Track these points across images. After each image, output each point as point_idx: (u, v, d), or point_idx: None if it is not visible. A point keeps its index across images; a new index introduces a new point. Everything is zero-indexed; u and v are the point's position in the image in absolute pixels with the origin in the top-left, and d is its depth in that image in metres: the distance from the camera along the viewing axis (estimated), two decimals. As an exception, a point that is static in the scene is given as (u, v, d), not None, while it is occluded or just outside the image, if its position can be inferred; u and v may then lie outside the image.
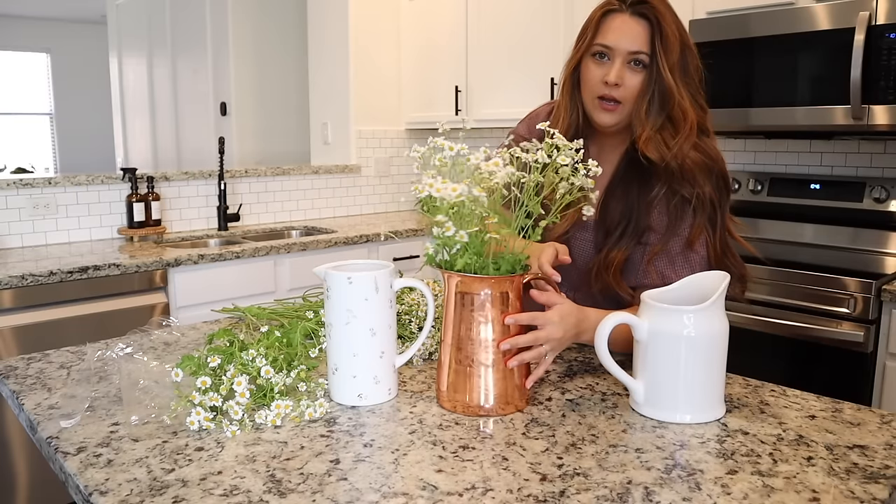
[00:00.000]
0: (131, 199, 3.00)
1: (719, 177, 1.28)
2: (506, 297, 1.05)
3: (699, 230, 1.26)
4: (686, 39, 1.27)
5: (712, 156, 1.27)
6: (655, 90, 1.24)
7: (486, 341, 1.05)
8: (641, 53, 1.25)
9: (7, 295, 2.29)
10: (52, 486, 2.35)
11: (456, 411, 1.06)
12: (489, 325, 1.04)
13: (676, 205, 1.27)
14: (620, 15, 1.26)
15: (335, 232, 3.26)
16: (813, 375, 2.22)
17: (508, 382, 1.06)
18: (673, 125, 1.25)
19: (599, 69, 1.28)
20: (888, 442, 0.97)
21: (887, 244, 2.54)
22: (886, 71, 2.18)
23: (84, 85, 8.60)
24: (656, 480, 0.87)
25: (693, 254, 1.27)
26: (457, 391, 1.06)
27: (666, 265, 1.27)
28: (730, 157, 3.01)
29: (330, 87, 3.99)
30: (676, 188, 1.26)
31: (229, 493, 0.84)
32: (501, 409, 1.06)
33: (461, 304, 1.05)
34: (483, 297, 1.04)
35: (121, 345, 1.21)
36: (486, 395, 1.05)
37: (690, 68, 1.27)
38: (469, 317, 1.05)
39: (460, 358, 1.06)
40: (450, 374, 1.07)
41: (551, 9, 3.20)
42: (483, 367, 1.05)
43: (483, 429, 1.01)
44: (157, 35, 5.29)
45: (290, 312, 1.48)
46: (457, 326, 1.06)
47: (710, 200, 1.26)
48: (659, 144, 1.25)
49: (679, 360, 1.03)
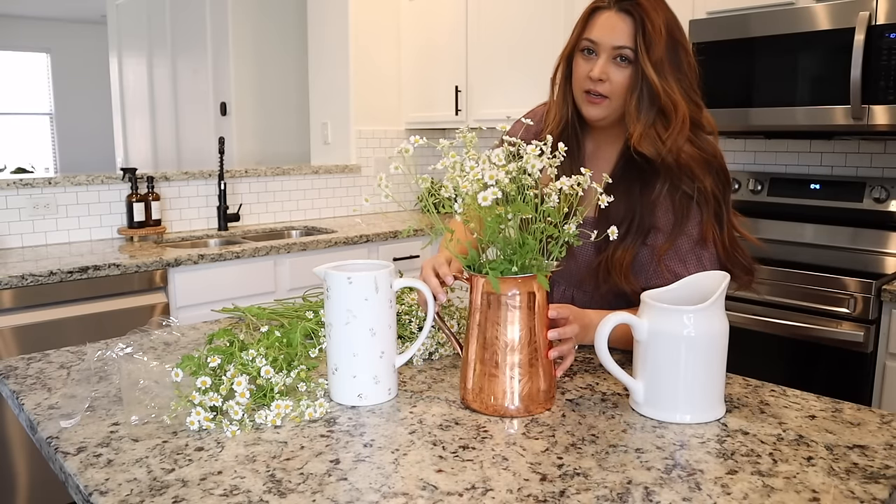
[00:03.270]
0: (131, 199, 3.00)
1: (719, 171, 1.28)
2: (532, 297, 1.05)
3: (708, 227, 1.26)
4: (677, 36, 1.27)
5: (710, 150, 1.28)
6: (643, 86, 1.25)
7: (513, 342, 1.05)
8: (625, 49, 1.26)
9: (7, 295, 2.29)
10: (52, 486, 2.35)
11: (486, 412, 1.06)
12: (516, 326, 1.05)
13: (681, 202, 1.27)
14: (607, 11, 1.28)
15: (335, 232, 3.26)
16: (813, 375, 2.22)
17: (534, 383, 1.06)
18: (665, 117, 1.26)
19: (586, 64, 1.30)
20: (888, 442, 0.97)
21: (887, 244, 2.54)
22: (886, 71, 2.18)
23: (84, 85, 8.60)
24: (656, 480, 0.87)
25: (703, 251, 1.28)
26: (482, 391, 1.07)
27: (677, 263, 1.28)
28: (730, 157, 3.01)
29: (330, 87, 3.99)
30: (677, 183, 1.27)
31: (229, 493, 0.84)
32: (527, 409, 1.06)
33: (489, 306, 1.06)
34: (510, 297, 1.04)
35: (121, 345, 1.21)
36: (512, 396, 1.06)
37: (684, 66, 1.27)
38: (497, 317, 1.05)
39: (485, 359, 1.06)
40: (475, 375, 1.08)
41: (551, 9, 3.19)
42: (510, 369, 1.05)
43: (485, 428, 1.01)
44: (157, 35, 5.29)
45: (290, 312, 1.48)
46: (482, 327, 1.06)
47: (713, 195, 1.26)
48: (654, 140, 1.25)
49: (679, 360, 1.03)
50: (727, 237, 1.29)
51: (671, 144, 1.24)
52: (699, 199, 1.26)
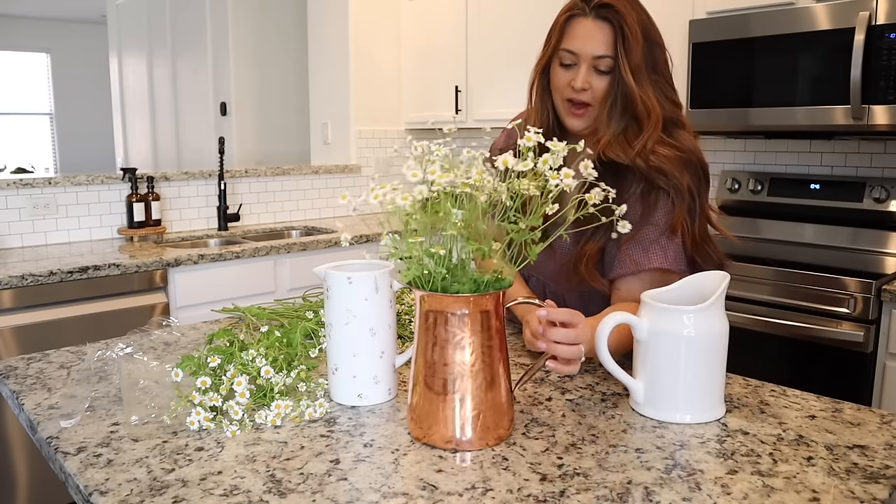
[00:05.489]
0: (131, 199, 3.00)
1: (697, 166, 1.27)
2: (485, 316, 0.94)
3: (679, 219, 1.25)
4: (652, 35, 1.26)
5: (687, 147, 1.26)
6: (618, 93, 1.25)
7: (462, 365, 0.94)
8: (606, 57, 1.25)
9: (7, 295, 2.29)
10: (52, 486, 2.35)
11: (435, 445, 0.95)
12: (466, 350, 0.94)
13: (652, 195, 1.26)
14: (584, 19, 1.26)
15: (335, 232, 3.26)
16: (813, 375, 2.22)
17: (488, 409, 0.95)
18: (638, 124, 1.25)
19: (567, 74, 1.29)
20: (888, 442, 0.97)
21: (887, 244, 2.54)
22: (886, 71, 2.18)
23: (84, 85, 8.60)
24: (656, 480, 0.87)
25: (669, 242, 1.26)
26: (426, 419, 0.96)
27: (640, 252, 1.26)
28: (730, 157, 3.02)
29: (330, 86, 3.99)
30: (653, 181, 1.25)
31: (229, 493, 0.84)
32: (481, 439, 0.95)
33: (434, 325, 0.95)
34: (458, 317, 0.93)
35: (121, 345, 1.21)
36: (462, 427, 0.94)
37: (659, 64, 1.27)
38: (441, 339, 0.94)
39: (430, 383, 0.96)
40: (421, 401, 0.97)
41: (551, 9, 3.18)
42: (459, 395, 0.94)
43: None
44: (157, 35, 5.29)
45: (290, 312, 1.48)
46: (427, 350, 0.96)
47: (688, 190, 1.25)
48: (623, 145, 1.24)
49: (679, 360, 1.03)
50: (699, 230, 1.27)
51: (640, 149, 1.23)
52: (674, 194, 1.25)
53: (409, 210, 0.93)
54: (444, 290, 0.94)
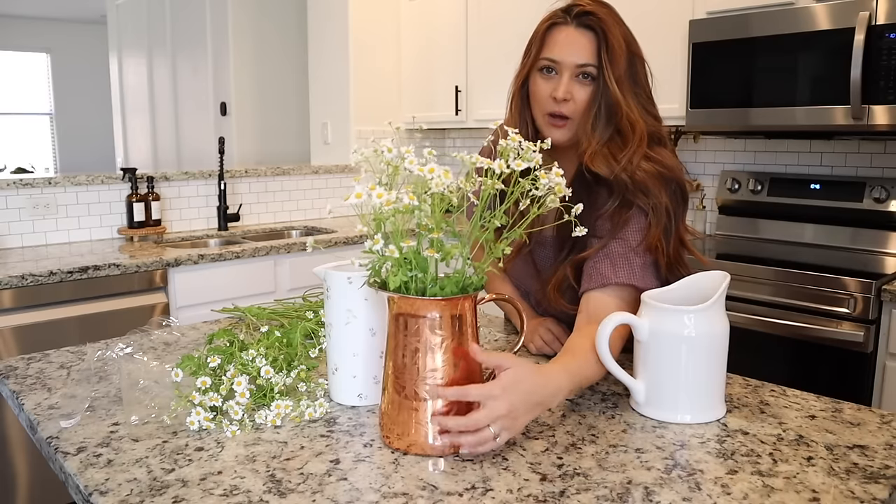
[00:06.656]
0: (131, 199, 3.00)
1: (676, 186, 1.22)
2: (457, 320, 0.93)
3: (654, 238, 1.19)
4: (634, 48, 1.23)
5: (668, 164, 1.22)
6: (602, 103, 1.21)
7: (432, 372, 0.92)
8: (589, 66, 1.21)
9: (7, 295, 2.29)
10: (52, 486, 2.35)
11: (407, 451, 0.93)
12: (436, 355, 0.92)
13: (626, 211, 1.21)
14: (566, 28, 1.24)
15: (335, 232, 3.26)
16: (813, 375, 2.22)
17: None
18: (621, 137, 1.21)
19: (547, 84, 1.24)
20: (888, 442, 0.97)
21: (887, 244, 2.54)
22: (886, 71, 2.18)
23: (84, 85, 8.60)
24: (656, 480, 0.87)
25: (637, 258, 1.20)
26: (397, 425, 0.94)
27: (607, 266, 1.20)
28: (730, 157, 3.02)
29: (330, 86, 3.99)
30: (630, 199, 1.20)
31: (229, 493, 0.84)
32: (452, 447, 0.92)
33: (403, 329, 0.94)
34: (428, 320, 0.92)
35: (121, 345, 1.21)
36: (433, 432, 0.92)
37: (640, 77, 1.23)
38: (411, 343, 0.93)
39: (399, 388, 0.94)
40: (391, 407, 0.95)
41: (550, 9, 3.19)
42: (427, 402, 0.93)
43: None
44: (157, 35, 5.29)
45: (290, 312, 1.48)
46: (397, 353, 0.94)
47: (665, 210, 1.20)
48: (607, 158, 1.20)
49: (680, 360, 1.03)
50: (672, 250, 1.22)
51: (626, 163, 1.19)
52: (651, 214, 1.20)
53: (384, 214, 0.93)
54: (417, 292, 0.93)
